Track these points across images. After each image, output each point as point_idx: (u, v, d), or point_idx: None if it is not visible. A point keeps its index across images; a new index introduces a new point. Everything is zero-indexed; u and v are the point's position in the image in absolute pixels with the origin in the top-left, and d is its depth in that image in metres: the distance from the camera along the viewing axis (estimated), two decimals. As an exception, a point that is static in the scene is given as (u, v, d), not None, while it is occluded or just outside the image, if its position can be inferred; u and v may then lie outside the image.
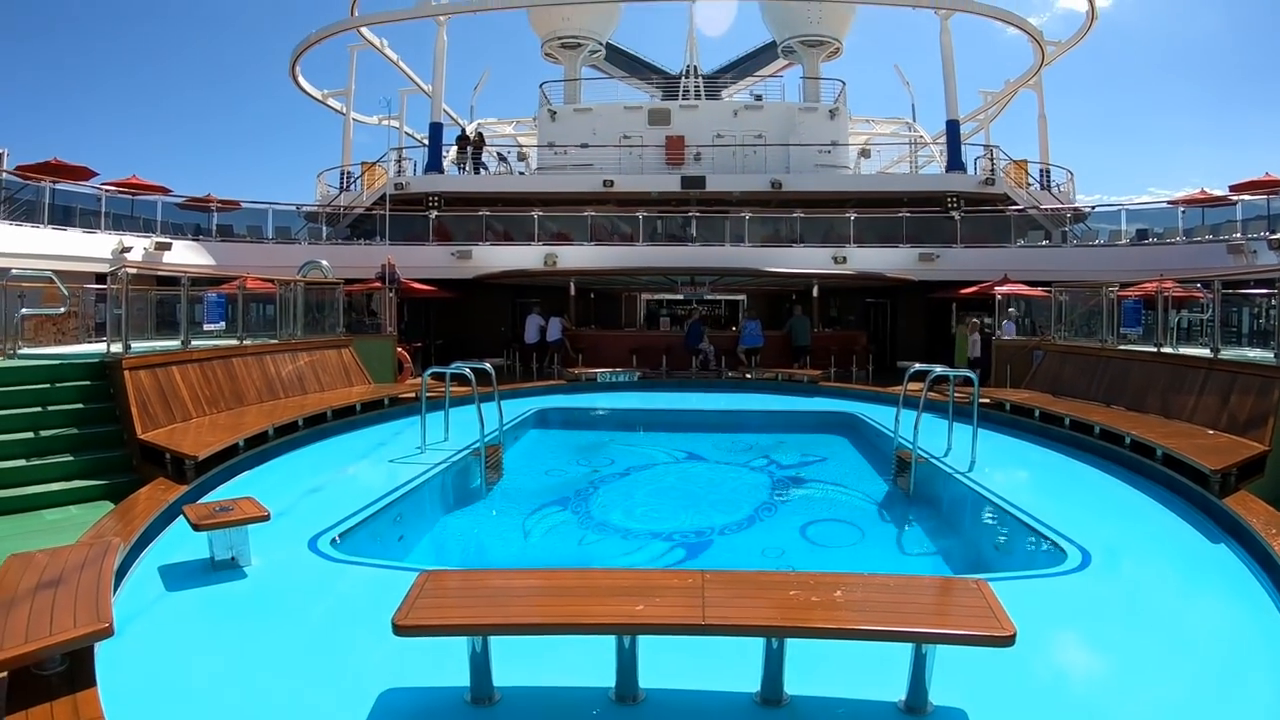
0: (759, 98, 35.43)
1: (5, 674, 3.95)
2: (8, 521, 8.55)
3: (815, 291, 24.99)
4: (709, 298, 28.71)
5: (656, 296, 29.75)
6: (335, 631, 5.32)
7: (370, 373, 16.45)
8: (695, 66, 35.22)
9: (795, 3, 34.32)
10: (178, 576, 6.25)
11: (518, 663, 4.39)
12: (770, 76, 39.76)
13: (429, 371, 12.02)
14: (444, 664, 4.43)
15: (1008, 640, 3.93)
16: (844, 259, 25.21)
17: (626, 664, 4.20)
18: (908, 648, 4.16)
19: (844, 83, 34.34)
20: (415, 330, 26.25)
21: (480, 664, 4.20)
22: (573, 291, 25.51)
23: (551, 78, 35.72)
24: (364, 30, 35.59)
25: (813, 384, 18.68)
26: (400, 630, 3.91)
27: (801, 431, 14.79)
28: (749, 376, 20.07)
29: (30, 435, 9.82)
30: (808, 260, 25.34)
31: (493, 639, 4.19)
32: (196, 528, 6.25)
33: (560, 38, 35.80)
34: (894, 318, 28.86)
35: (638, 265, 25.72)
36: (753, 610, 4.22)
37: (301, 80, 38.71)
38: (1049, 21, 72.43)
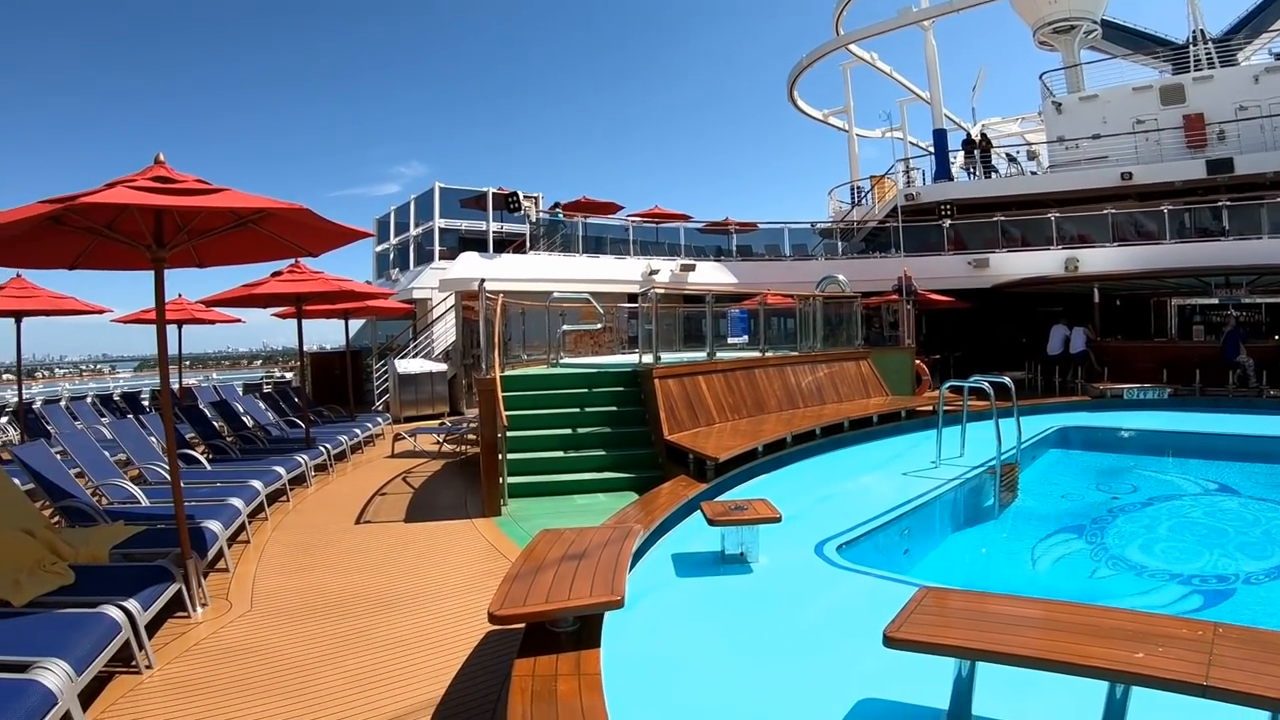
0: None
1: (523, 625, 4.41)
2: (545, 502, 9.96)
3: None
4: (1247, 301, 24.32)
5: (1188, 301, 25.85)
6: (826, 634, 5.27)
7: (888, 385, 16.46)
8: (1202, 31, 30.12)
9: None
10: (688, 565, 6.57)
11: (999, 694, 4.04)
12: (1290, 25, 32.70)
13: (946, 385, 11.58)
14: (925, 682, 4.18)
15: None
16: (1406, 242, 20.32)
17: (1114, 715, 3.68)
18: None
19: (1378, 16, 27.48)
20: (933, 342, 25.86)
21: (963, 689, 3.91)
22: (1096, 299, 23.44)
23: (1049, 67, 32.92)
24: (852, 47, 35.83)
25: (1370, 403, 15.42)
26: (890, 642, 3.73)
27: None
28: (1296, 395, 17.08)
29: (569, 432, 11.33)
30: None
31: (979, 665, 3.88)
32: (712, 523, 6.50)
33: (1050, 23, 32.46)
34: None
35: (1164, 266, 22.91)
36: (1264, 677, 3.44)
37: (801, 103, 39.81)
38: None
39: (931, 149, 33.37)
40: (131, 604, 5.26)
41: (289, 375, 33.27)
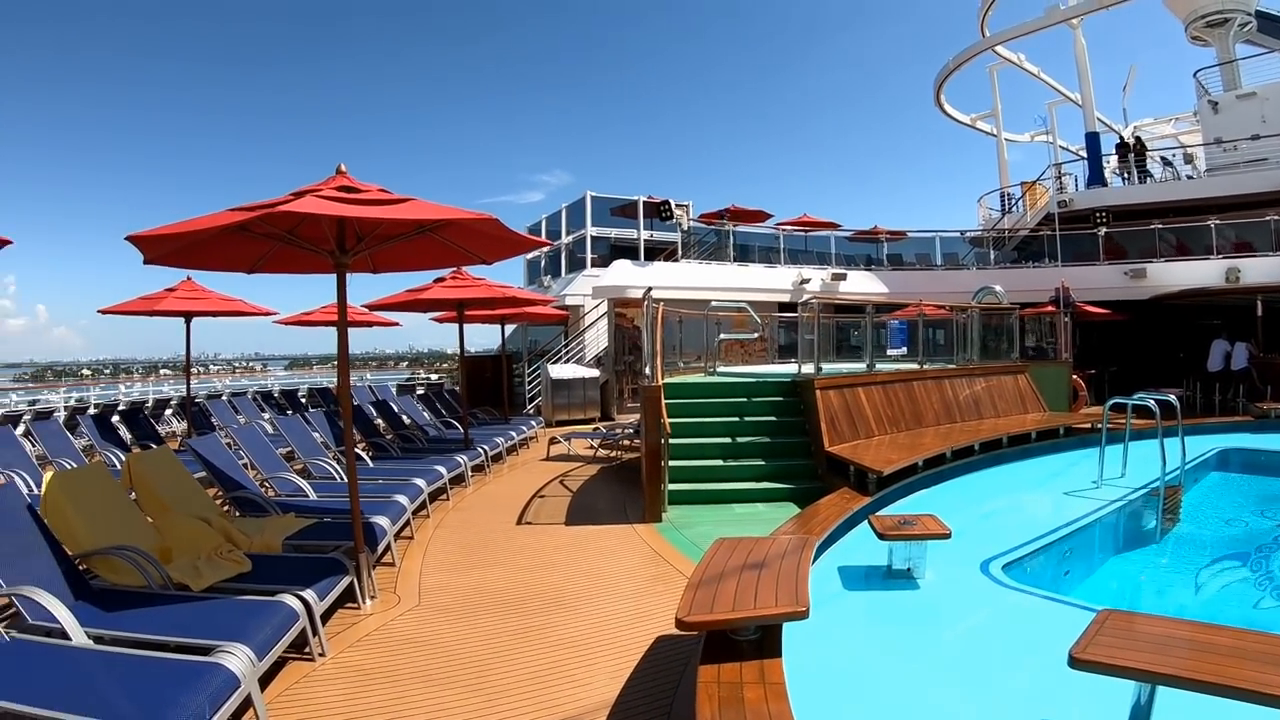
0: None
1: (700, 632, 4.50)
2: (704, 510, 10.11)
3: None
4: None
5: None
6: (997, 653, 5.30)
7: (1045, 400, 16.14)
8: (1364, 19, 28.27)
9: None
10: (854, 578, 6.66)
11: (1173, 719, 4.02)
12: None
13: (1110, 402, 11.30)
14: (1098, 706, 4.23)
15: None
16: None
17: (1293, 748, 3.64)
18: None
19: None
20: (1084, 356, 25.04)
21: (1141, 714, 3.90)
22: (1259, 311, 22.24)
23: (1203, 63, 31.18)
24: (999, 49, 34.85)
25: None
26: (1076, 663, 3.74)
27: None
28: None
29: (728, 440, 11.53)
30: None
31: (1159, 690, 3.87)
32: (882, 537, 6.56)
33: (1202, 16, 30.52)
34: None
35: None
36: None
37: (948, 107, 39.05)
38: None
39: (1082, 153, 32.25)
40: (309, 594, 5.57)
41: (434, 377, 34.33)
